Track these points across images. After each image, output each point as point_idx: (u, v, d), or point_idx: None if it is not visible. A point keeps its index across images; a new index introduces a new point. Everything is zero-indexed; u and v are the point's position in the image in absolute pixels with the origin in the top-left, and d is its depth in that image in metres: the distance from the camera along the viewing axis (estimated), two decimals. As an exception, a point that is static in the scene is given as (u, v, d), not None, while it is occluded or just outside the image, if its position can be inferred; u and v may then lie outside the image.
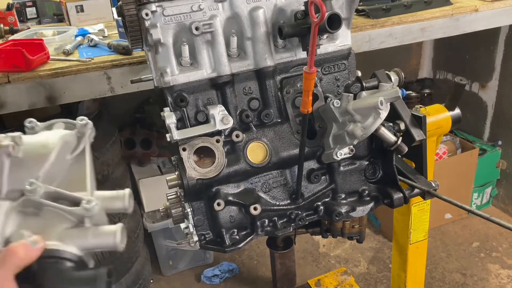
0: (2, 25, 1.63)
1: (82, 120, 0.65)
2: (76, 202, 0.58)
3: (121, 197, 0.64)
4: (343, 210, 0.96)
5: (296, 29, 0.88)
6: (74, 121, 0.66)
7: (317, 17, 0.67)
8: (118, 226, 0.59)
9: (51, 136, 0.64)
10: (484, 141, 2.50)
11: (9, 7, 1.74)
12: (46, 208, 0.57)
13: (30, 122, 0.65)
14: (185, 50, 0.87)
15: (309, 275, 2.07)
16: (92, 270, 0.56)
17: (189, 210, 0.90)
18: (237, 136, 0.89)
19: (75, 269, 0.55)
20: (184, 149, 0.85)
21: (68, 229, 0.58)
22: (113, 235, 0.58)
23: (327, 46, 0.96)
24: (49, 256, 0.54)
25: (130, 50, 1.26)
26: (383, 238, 2.36)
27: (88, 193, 0.61)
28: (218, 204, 0.86)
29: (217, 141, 0.86)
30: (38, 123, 0.66)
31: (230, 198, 0.89)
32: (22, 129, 0.66)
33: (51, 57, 1.32)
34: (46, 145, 0.61)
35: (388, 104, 0.83)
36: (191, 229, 0.90)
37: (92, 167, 0.65)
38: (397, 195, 0.97)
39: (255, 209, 0.87)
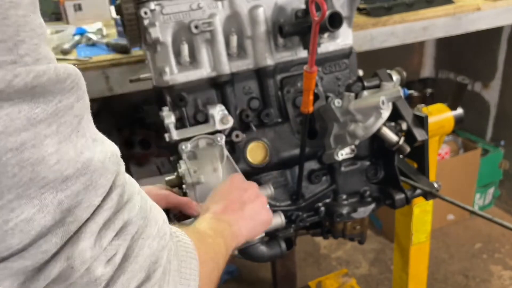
0: (1, 25, 1.61)
1: (221, 137, 0.83)
2: None
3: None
4: (344, 211, 0.95)
5: (296, 28, 0.87)
6: (212, 136, 0.83)
7: (318, 16, 0.66)
8: (278, 213, 0.85)
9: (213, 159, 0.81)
10: (486, 141, 2.49)
11: (8, 7, 1.72)
12: None
13: (186, 146, 0.82)
14: (184, 49, 0.86)
15: (310, 277, 2.06)
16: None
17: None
18: (237, 136, 0.88)
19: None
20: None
21: None
22: (280, 218, 0.85)
23: (328, 45, 0.95)
24: None
25: (129, 49, 1.25)
26: (385, 239, 2.35)
27: None
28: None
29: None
30: (188, 145, 0.82)
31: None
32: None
33: (49, 56, 1.31)
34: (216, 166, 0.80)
35: (390, 103, 0.82)
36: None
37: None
38: (399, 196, 0.96)
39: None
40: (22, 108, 0.30)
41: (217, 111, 0.85)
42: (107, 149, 0.37)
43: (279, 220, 0.86)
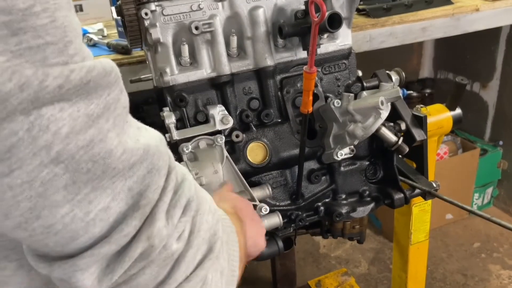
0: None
1: (221, 138, 0.83)
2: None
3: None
4: (344, 210, 0.95)
5: (296, 29, 0.88)
6: (213, 137, 0.84)
7: (317, 17, 0.67)
8: (276, 213, 0.85)
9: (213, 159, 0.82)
10: (485, 141, 2.50)
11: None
12: None
13: (187, 147, 0.83)
14: (185, 49, 0.87)
15: (309, 276, 2.06)
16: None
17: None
18: (237, 136, 0.88)
19: None
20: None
21: None
22: (278, 217, 0.85)
23: (327, 46, 0.96)
24: None
25: (130, 50, 1.25)
26: (384, 239, 2.35)
27: (255, 199, 0.82)
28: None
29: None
30: (189, 146, 0.83)
31: (230, 198, 0.89)
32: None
33: (50, 57, 1.31)
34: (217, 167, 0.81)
35: (389, 104, 0.82)
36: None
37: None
38: (398, 196, 0.96)
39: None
40: (80, 107, 0.31)
41: (217, 112, 0.86)
42: (155, 134, 0.39)
43: (276, 220, 0.86)
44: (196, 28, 0.85)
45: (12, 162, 0.29)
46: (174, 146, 0.84)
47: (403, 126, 0.94)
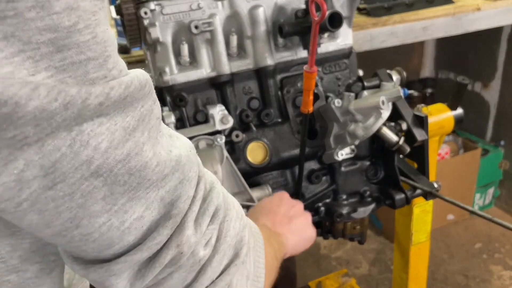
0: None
1: (221, 138, 0.84)
2: (250, 207, 0.81)
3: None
4: (344, 211, 0.95)
5: (296, 28, 0.87)
6: (212, 137, 0.84)
7: (318, 16, 0.66)
8: None
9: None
10: (486, 141, 2.49)
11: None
12: None
13: None
14: (184, 49, 0.86)
15: (310, 277, 2.06)
16: None
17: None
18: (237, 136, 0.88)
19: None
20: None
21: None
22: None
23: (328, 45, 0.95)
24: None
25: (129, 49, 1.25)
26: (385, 240, 2.35)
27: (255, 199, 0.83)
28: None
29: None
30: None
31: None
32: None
33: (50, 56, 1.30)
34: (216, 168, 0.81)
35: (390, 103, 0.82)
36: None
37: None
38: (399, 196, 0.96)
39: (255, 210, 0.86)
40: (117, 120, 0.32)
41: (217, 111, 0.85)
42: (186, 143, 0.41)
43: None
44: (196, 27, 0.85)
45: (55, 176, 0.30)
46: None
47: (404, 126, 0.94)
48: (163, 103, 0.88)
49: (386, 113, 0.81)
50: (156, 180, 0.35)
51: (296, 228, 0.72)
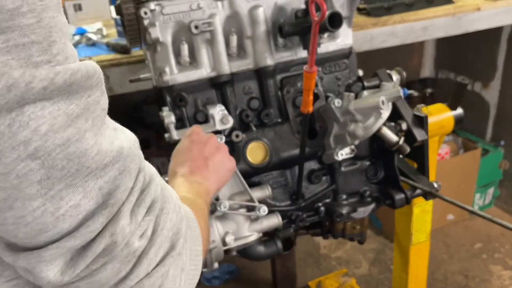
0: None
1: (221, 138, 0.84)
2: (250, 207, 0.84)
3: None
4: (344, 211, 0.95)
5: (296, 28, 0.87)
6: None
7: (317, 16, 0.66)
8: (275, 214, 0.88)
9: None
10: (486, 141, 2.49)
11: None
12: (231, 214, 0.84)
13: None
14: (184, 49, 0.86)
15: (309, 277, 2.06)
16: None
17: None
18: (237, 136, 0.88)
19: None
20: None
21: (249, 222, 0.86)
22: (277, 218, 0.87)
23: (328, 45, 0.95)
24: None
25: (129, 49, 1.25)
26: (385, 239, 2.35)
27: (254, 200, 0.84)
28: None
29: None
30: None
31: (230, 199, 0.88)
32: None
33: (50, 56, 1.30)
34: None
35: (390, 103, 0.82)
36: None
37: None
38: (399, 196, 0.96)
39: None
40: (60, 106, 0.33)
41: (217, 111, 0.85)
42: (130, 136, 0.41)
43: (276, 220, 0.86)
44: (196, 27, 0.85)
45: None
46: (174, 146, 0.83)
47: (404, 126, 0.94)
48: (163, 103, 0.87)
49: (386, 113, 0.81)
50: (96, 169, 0.35)
51: (215, 166, 0.71)
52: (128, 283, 0.39)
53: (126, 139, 0.40)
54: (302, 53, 0.93)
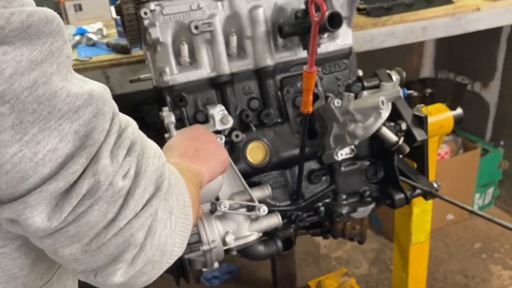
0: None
1: (221, 138, 0.85)
2: (250, 207, 0.84)
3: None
4: (344, 211, 0.95)
5: (296, 28, 0.87)
6: None
7: (317, 16, 0.66)
8: (275, 214, 0.88)
9: None
10: (486, 141, 2.49)
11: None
12: (231, 214, 0.84)
13: None
14: (184, 49, 0.86)
15: (309, 277, 2.06)
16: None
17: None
18: (236, 136, 0.88)
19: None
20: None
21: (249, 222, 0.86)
22: (277, 218, 0.87)
23: (327, 45, 0.95)
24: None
25: (129, 49, 1.25)
26: (385, 239, 2.35)
27: (254, 199, 0.85)
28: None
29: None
30: None
31: (230, 199, 0.88)
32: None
33: (50, 56, 1.30)
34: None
35: (390, 103, 0.82)
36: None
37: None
38: (399, 196, 0.96)
39: (254, 210, 0.86)
40: (23, 52, 0.33)
41: (217, 111, 0.85)
42: (100, 84, 0.41)
43: (276, 220, 0.86)
44: (196, 27, 0.85)
45: None
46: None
47: (403, 126, 0.94)
48: (163, 103, 0.88)
49: (385, 113, 0.81)
50: (68, 111, 0.36)
51: (206, 156, 0.70)
52: (117, 225, 0.40)
53: (96, 86, 0.40)
54: (302, 53, 0.93)
